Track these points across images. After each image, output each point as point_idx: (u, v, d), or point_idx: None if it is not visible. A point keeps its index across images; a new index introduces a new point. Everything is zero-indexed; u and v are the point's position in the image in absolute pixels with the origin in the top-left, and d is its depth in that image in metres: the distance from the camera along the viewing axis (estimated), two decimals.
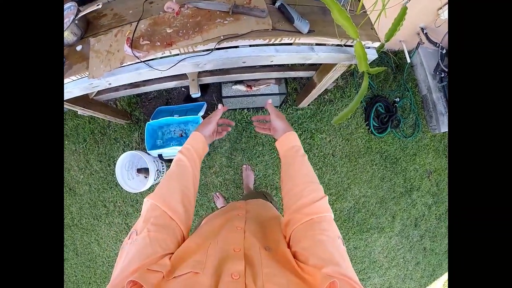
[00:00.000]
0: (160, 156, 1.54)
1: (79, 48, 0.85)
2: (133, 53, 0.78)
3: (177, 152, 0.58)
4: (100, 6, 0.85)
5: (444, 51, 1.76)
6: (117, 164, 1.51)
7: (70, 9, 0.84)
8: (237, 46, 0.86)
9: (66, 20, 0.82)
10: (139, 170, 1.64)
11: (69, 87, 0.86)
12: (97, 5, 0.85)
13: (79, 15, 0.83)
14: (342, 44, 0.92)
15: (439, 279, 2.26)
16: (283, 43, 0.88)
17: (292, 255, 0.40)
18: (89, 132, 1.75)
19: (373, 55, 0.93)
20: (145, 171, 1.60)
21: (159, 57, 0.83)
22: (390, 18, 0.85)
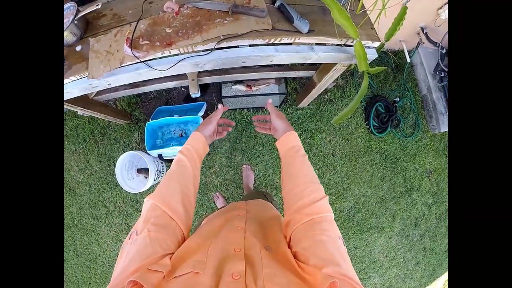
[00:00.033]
0: (160, 156, 1.53)
1: (79, 49, 0.85)
2: (133, 53, 0.78)
3: (178, 152, 0.58)
4: (100, 6, 0.85)
5: (444, 51, 1.76)
6: (117, 164, 1.51)
7: (70, 9, 0.84)
8: (237, 46, 0.86)
9: (66, 21, 0.81)
10: (139, 170, 1.64)
11: (69, 88, 0.86)
12: (97, 5, 0.85)
13: (79, 15, 0.82)
14: (342, 44, 0.92)
15: (439, 279, 2.26)
16: (283, 43, 0.88)
17: (293, 255, 0.40)
18: (89, 132, 1.75)
19: (373, 55, 0.93)
20: (145, 171, 1.60)
21: (159, 57, 0.83)
22: (390, 18, 0.85)
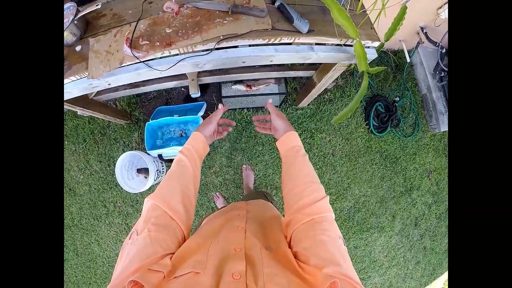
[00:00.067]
0: (160, 156, 1.53)
1: (79, 49, 0.85)
2: (133, 53, 0.78)
3: (178, 152, 0.58)
4: (99, 6, 0.85)
5: (444, 51, 1.76)
6: (117, 164, 1.51)
7: (69, 10, 0.84)
8: (237, 46, 0.86)
9: (66, 21, 0.81)
10: (139, 170, 1.64)
11: (69, 88, 0.86)
12: (96, 5, 0.85)
13: (79, 16, 0.82)
14: (342, 44, 0.92)
15: (440, 278, 2.26)
16: (283, 43, 0.88)
17: (293, 255, 0.40)
18: (89, 132, 1.75)
19: (373, 55, 0.93)
20: (145, 171, 1.60)
21: (159, 57, 0.83)
22: (390, 18, 0.86)
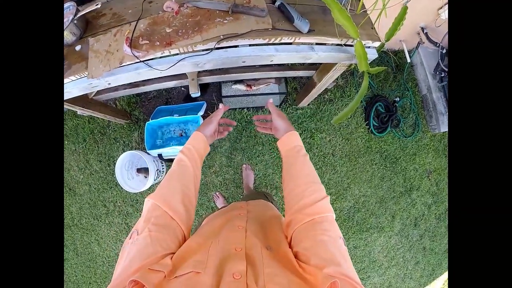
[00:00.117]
0: (160, 156, 1.53)
1: (78, 48, 0.85)
2: (133, 53, 0.78)
3: (178, 152, 0.58)
4: (99, 6, 0.85)
5: (444, 51, 1.76)
6: (117, 164, 1.50)
7: (69, 9, 0.83)
8: (237, 46, 0.86)
9: (65, 20, 0.81)
10: (139, 170, 1.64)
11: (68, 87, 0.86)
12: (96, 5, 0.85)
13: (78, 15, 0.82)
14: (342, 44, 0.92)
15: (439, 279, 2.26)
16: (283, 43, 0.88)
17: (294, 255, 0.40)
18: (89, 132, 1.75)
19: (373, 55, 0.93)
20: (145, 171, 1.60)
21: (159, 57, 0.82)
22: (391, 18, 0.85)
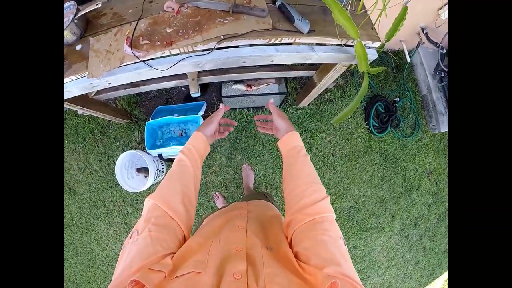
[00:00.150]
0: (160, 156, 1.53)
1: (79, 48, 0.85)
2: (133, 53, 0.78)
3: (179, 152, 0.58)
4: (100, 5, 0.85)
5: (444, 51, 1.76)
6: (117, 164, 1.50)
7: (70, 8, 0.83)
8: (237, 46, 0.86)
9: (66, 20, 0.81)
10: (139, 170, 1.64)
11: (69, 87, 0.86)
12: (97, 4, 0.85)
13: (79, 14, 0.82)
14: (343, 44, 0.92)
15: (439, 278, 2.26)
16: (283, 43, 0.88)
17: (294, 255, 0.40)
18: (89, 132, 1.75)
19: (374, 55, 0.93)
20: (145, 171, 1.60)
21: (159, 57, 0.82)
22: (391, 18, 0.85)
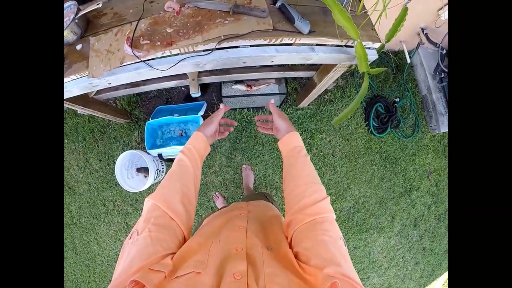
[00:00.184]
0: (160, 156, 1.53)
1: (79, 47, 0.85)
2: (133, 53, 0.78)
3: (179, 152, 0.58)
4: (100, 5, 0.85)
5: (444, 52, 1.76)
6: (117, 163, 1.50)
7: (70, 8, 0.84)
8: (238, 46, 0.86)
9: (66, 19, 0.81)
10: (139, 170, 1.64)
11: (69, 86, 0.86)
12: (97, 4, 0.85)
13: (79, 14, 0.82)
14: (343, 45, 0.92)
15: (438, 279, 2.26)
16: (284, 43, 0.88)
17: (294, 256, 0.40)
18: (89, 131, 1.75)
19: (374, 56, 0.93)
20: (145, 171, 1.60)
21: (159, 57, 0.82)
22: (391, 19, 0.85)
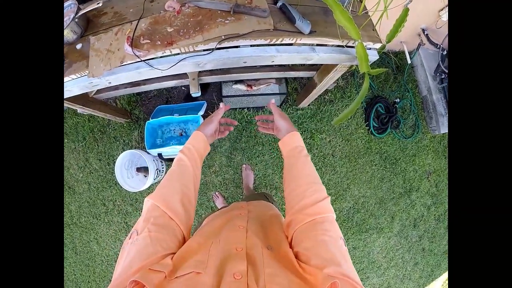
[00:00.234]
0: (160, 155, 1.53)
1: (79, 47, 0.85)
2: (134, 52, 0.77)
3: (179, 152, 0.58)
4: (101, 4, 0.85)
5: (445, 52, 1.76)
6: (117, 163, 1.50)
7: (70, 7, 0.83)
8: (238, 46, 0.86)
9: (66, 18, 0.81)
10: (139, 169, 1.64)
11: (69, 86, 0.86)
12: (98, 3, 0.84)
13: (79, 13, 0.82)
14: (344, 45, 0.92)
15: (438, 280, 2.26)
16: (284, 43, 0.88)
17: (294, 255, 0.40)
18: (89, 131, 1.74)
19: (374, 56, 0.93)
20: (145, 170, 1.60)
21: (159, 56, 0.82)
22: (392, 19, 0.85)
